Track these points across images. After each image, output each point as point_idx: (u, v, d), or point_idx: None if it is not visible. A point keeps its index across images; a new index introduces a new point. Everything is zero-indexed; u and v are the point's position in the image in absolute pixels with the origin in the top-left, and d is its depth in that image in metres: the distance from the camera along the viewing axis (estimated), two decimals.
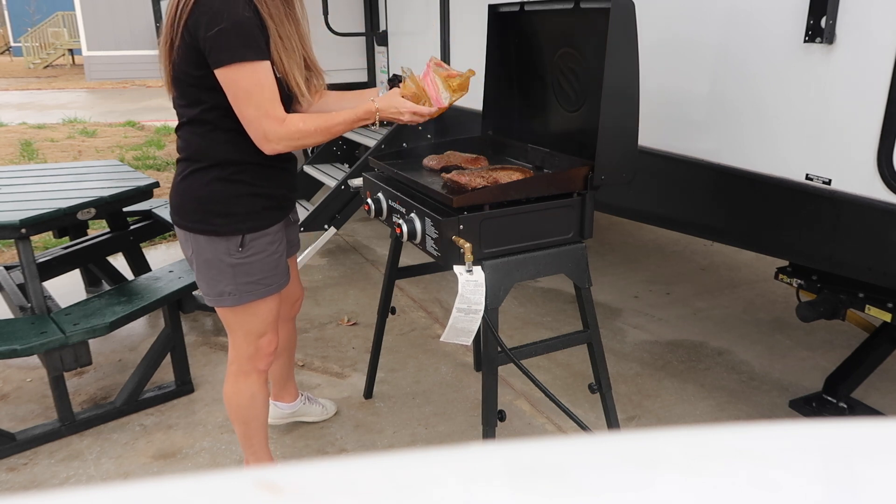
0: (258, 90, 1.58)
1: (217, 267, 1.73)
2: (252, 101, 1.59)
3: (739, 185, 2.10)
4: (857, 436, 0.37)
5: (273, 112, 1.60)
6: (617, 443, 0.36)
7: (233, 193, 1.70)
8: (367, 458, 0.34)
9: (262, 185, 1.74)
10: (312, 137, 1.68)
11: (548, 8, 2.10)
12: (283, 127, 1.62)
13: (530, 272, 1.89)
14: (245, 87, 1.58)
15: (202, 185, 1.69)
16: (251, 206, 1.72)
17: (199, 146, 1.70)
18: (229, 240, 1.71)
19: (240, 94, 1.59)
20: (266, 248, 1.76)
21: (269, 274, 1.79)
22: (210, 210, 1.69)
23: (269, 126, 1.61)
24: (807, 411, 2.58)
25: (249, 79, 1.57)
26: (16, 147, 7.86)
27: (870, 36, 1.69)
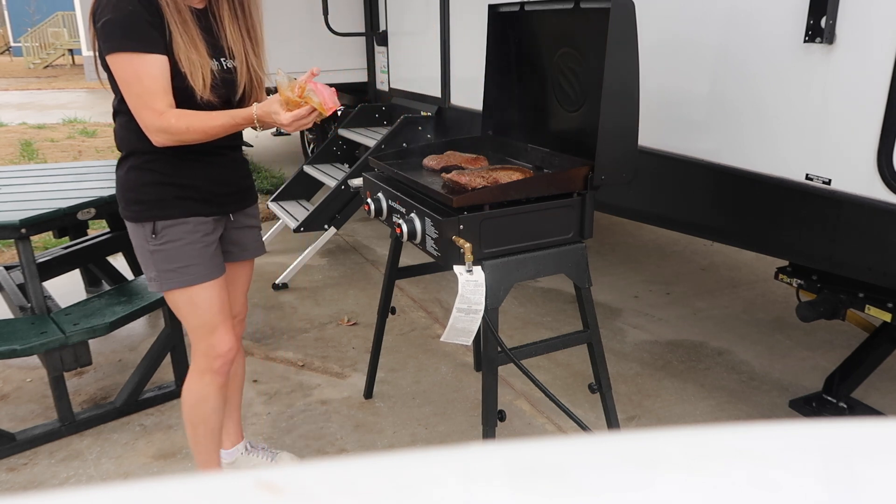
0: (136, 81, 1.60)
1: (141, 252, 1.79)
2: (131, 91, 1.62)
3: (739, 185, 2.10)
4: (857, 436, 0.37)
5: (150, 104, 1.61)
6: (617, 443, 0.36)
7: (144, 181, 1.74)
8: (367, 458, 0.34)
9: (174, 175, 1.75)
10: (187, 135, 1.65)
11: (548, 8, 2.10)
12: (160, 120, 1.62)
13: (530, 272, 1.89)
14: (124, 77, 1.61)
15: (122, 173, 1.77)
16: (161, 194, 1.74)
17: (119, 136, 1.77)
18: (144, 226, 1.75)
19: (121, 84, 1.64)
20: (183, 237, 1.77)
21: (191, 263, 1.78)
22: (128, 197, 1.76)
23: (146, 117, 1.63)
24: (807, 411, 2.58)
25: (127, 69, 1.60)
26: (16, 147, 7.86)
27: (870, 36, 1.69)
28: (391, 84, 4.40)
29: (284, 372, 2.92)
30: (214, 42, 1.75)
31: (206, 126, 1.66)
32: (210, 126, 1.66)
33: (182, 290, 1.80)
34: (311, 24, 4.41)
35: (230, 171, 1.88)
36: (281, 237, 4.54)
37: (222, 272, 1.87)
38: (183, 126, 1.63)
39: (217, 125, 1.67)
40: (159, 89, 1.62)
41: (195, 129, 1.64)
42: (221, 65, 1.76)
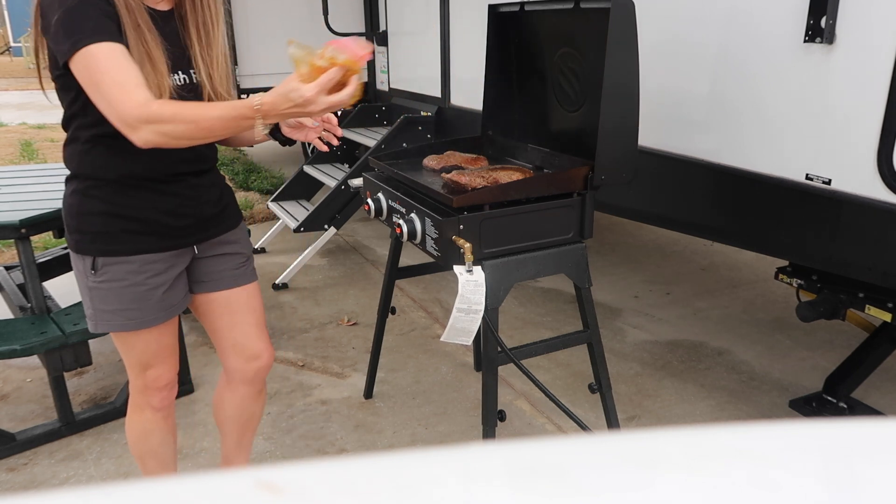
0: (106, 73, 1.32)
1: (80, 285, 1.57)
2: (103, 85, 1.32)
3: (740, 185, 2.10)
4: (857, 436, 0.37)
5: (129, 93, 1.31)
6: (617, 443, 0.36)
7: (86, 209, 1.50)
8: (367, 458, 0.34)
9: (121, 205, 1.50)
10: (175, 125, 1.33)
11: (548, 8, 2.10)
12: (142, 109, 1.31)
13: (530, 272, 1.89)
14: (91, 72, 1.33)
15: (66, 195, 1.55)
16: (105, 226, 1.50)
17: (65, 155, 1.55)
18: (84, 259, 1.52)
19: (89, 83, 1.34)
20: (125, 278, 1.52)
21: (130, 307, 1.54)
22: (69, 224, 1.54)
23: (126, 108, 1.31)
24: (807, 411, 2.58)
25: (92, 63, 1.32)
26: (16, 147, 7.86)
27: (870, 36, 1.69)
28: (391, 84, 4.40)
29: (284, 372, 2.92)
30: (179, 52, 1.49)
31: (198, 115, 1.34)
32: (203, 116, 1.35)
33: (116, 337, 1.61)
34: (311, 24, 4.42)
35: (191, 201, 1.59)
36: (281, 237, 4.54)
37: (170, 315, 1.63)
38: (168, 113, 1.32)
39: (213, 116, 1.35)
40: (136, 79, 1.34)
41: (184, 117, 1.33)
42: (187, 78, 1.51)
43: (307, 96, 1.29)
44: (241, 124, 1.37)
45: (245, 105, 1.34)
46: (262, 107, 1.33)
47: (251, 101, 1.33)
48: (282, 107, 1.33)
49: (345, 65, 1.29)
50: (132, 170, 1.50)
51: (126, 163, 1.49)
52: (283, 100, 1.32)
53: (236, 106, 1.35)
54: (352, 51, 1.30)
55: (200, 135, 1.37)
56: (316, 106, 1.32)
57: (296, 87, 1.30)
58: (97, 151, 1.48)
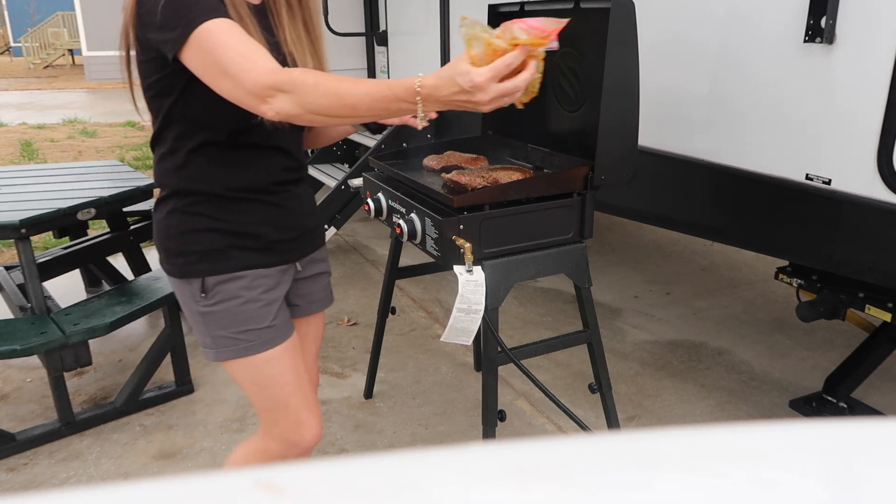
0: (225, 47, 1.18)
1: (189, 314, 1.44)
2: (224, 62, 1.18)
3: (739, 185, 2.10)
4: (857, 436, 0.37)
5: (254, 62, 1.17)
6: (617, 443, 0.36)
7: (189, 228, 1.38)
8: (367, 458, 0.34)
9: (227, 220, 1.39)
10: (316, 96, 1.15)
11: (548, 8, 2.10)
12: (275, 75, 1.16)
13: (530, 272, 1.89)
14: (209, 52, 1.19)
15: (161, 217, 1.41)
16: (210, 244, 1.38)
17: (159, 171, 1.42)
18: (191, 283, 1.39)
19: (209, 65, 1.20)
20: (239, 294, 1.40)
21: (249, 326, 1.41)
22: (169, 247, 1.41)
23: (254, 77, 1.16)
24: (807, 411, 2.58)
25: (210, 41, 1.18)
26: (16, 147, 7.86)
27: (870, 36, 1.69)
28: None
29: None
30: (275, 45, 1.36)
31: (344, 89, 1.15)
32: (349, 91, 1.15)
33: (244, 361, 1.43)
34: None
35: (294, 212, 1.49)
36: None
37: (291, 330, 1.49)
38: (310, 82, 1.15)
39: (361, 92, 1.15)
40: (261, 49, 1.20)
41: (327, 88, 1.15)
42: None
43: (477, 81, 1.08)
44: (392, 107, 1.16)
45: (403, 85, 1.13)
46: (422, 89, 1.12)
47: (410, 82, 1.13)
48: (444, 91, 1.12)
49: (530, 44, 1.07)
50: (238, 181, 1.39)
51: (231, 174, 1.38)
52: (448, 83, 1.10)
53: (392, 85, 1.14)
54: (539, 29, 1.08)
55: (342, 112, 1.18)
56: (485, 94, 1.10)
57: (465, 69, 1.09)
58: (199, 163, 1.37)
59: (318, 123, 1.24)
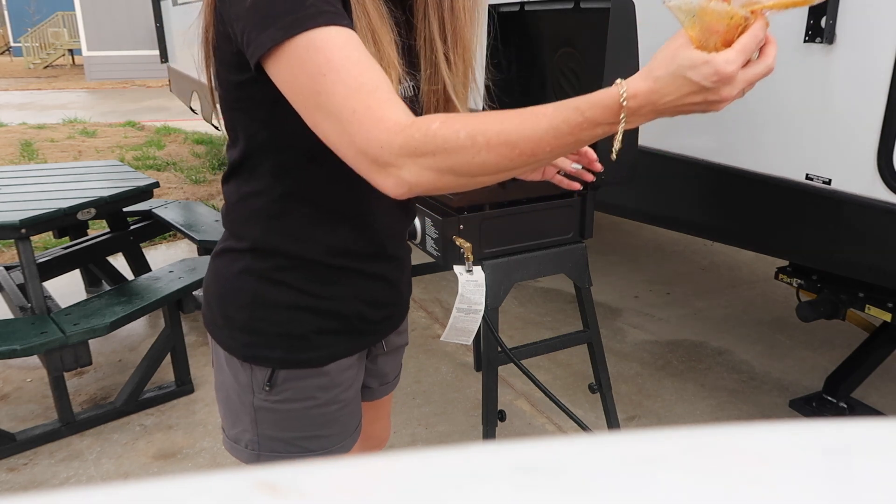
0: (336, 74, 0.78)
1: (236, 400, 1.07)
2: (331, 99, 0.79)
3: (739, 184, 2.10)
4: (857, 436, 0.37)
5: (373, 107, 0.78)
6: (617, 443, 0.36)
7: (267, 301, 1.01)
8: (368, 458, 0.34)
9: (320, 296, 1.03)
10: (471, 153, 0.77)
11: (548, 8, 2.10)
12: (407, 133, 0.77)
13: (530, 272, 1.89)
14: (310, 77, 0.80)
15: (225, 272, 1.04)
16: (292, 326, 1.02)
17: (232, 208, 1.02)
18: (253, 370, 1.03)
19: (308, 94, 0.81)
20: (313, 396, 1.05)
21: (314, 433, 1.08)
22: (232, 317, 1.03)
23: (376, 135, 0.78)
24: (807, 411, 2.58)
25: (313, 60, 0.79)
26: (16, 147, 7.86)
27: (870, 36, 1.69)
28: None
29: None
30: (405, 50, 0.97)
31: (514, 134, 0.78)
32: (522, 134, 0.78)
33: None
34: None
35: (393, 283, 1.13)
36: None
37: (360, 429, 1.18)
38: (462, 135, 0.77)
39: (540, 129, 0.78)
40: (380, 81, 0.80)
41: (490, 140, 0.77)
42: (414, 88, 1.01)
43: (727, 72, 0.71)
44: (585, 136, 0.78)
45: (599, 103, 0.76)
46: (631, 101, 0.75)
47: (611, 95, 0.75)
48: (670, 96, 0.74)
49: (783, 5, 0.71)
50: (343, 242, 1.02)
51: (336, 232, 1.01)
52: (674, 83, 0.73)
53: (581, 106, 0.77)
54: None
55: (512, 164, 0.79)
56: (732, 88, 0.74)
57: (697, 58, 0.71)
58: (301, 214, 0.98)
59: (469, 188, 0.83)
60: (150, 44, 9.01)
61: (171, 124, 9.08)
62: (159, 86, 14.08)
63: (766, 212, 2.04)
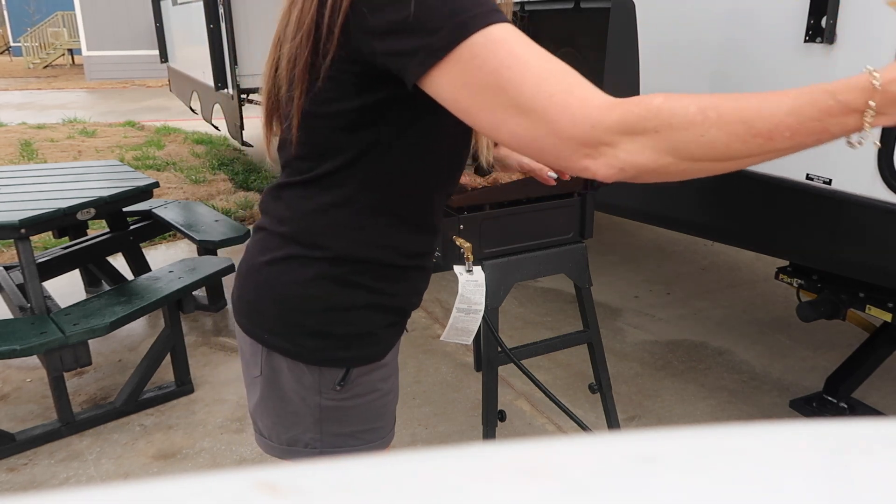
0: (518, 66, 0.77)
1: (296, 405, 1.08)
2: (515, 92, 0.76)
3: (739, 184, 2.10)
4: (857, 436, 0.37)
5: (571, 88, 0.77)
6: (617, 443, 0.36)
7: (344, 304, 1.03)
8: (368, 458, 0.34)
9: (391, 294, 1.07)
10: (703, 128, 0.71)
11: (548, 8, 2.10)
12: (621, 109, 0.75)
13: (530, 272, 1.89)
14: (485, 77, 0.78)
15: (294, 281, 1.03)
16: (368, 325, 1.06)
17: (308, 222, 1.01)
18: (324, 372, 1.05)
19: (484, 96, 0.78)
20: (377, 388, 1.11)
21: (374, 425, 1.13)
22: (303, 324, 1.04)
23: (582, 116, 0.75)
24: (807, 411, 2.58)
25: (491, 59, 0.77)
26: (16, 147, 7.86)
27: (870, 36, 1.69)
28: None
29: None
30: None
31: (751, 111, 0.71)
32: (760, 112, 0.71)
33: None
34: None
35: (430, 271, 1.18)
36: None
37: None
38: (693, 111, 0.72)
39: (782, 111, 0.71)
40: (567, 66, 0.81)
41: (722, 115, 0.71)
42: None
43: None
44: (834, 127, 0.74)
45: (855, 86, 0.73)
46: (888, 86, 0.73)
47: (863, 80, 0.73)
48: None
49: None
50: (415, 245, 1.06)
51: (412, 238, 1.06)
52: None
53: (836, 90, 0.72)
54: None
55: (746, 147, 0.72)
56: None
57: None
58: (382, 224, 1.01)
59: (687, 175, 0.76)
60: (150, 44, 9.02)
61: (170, 124, 9.08)
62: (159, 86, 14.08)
63: (766, 212, 2.04)
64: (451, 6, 0.78)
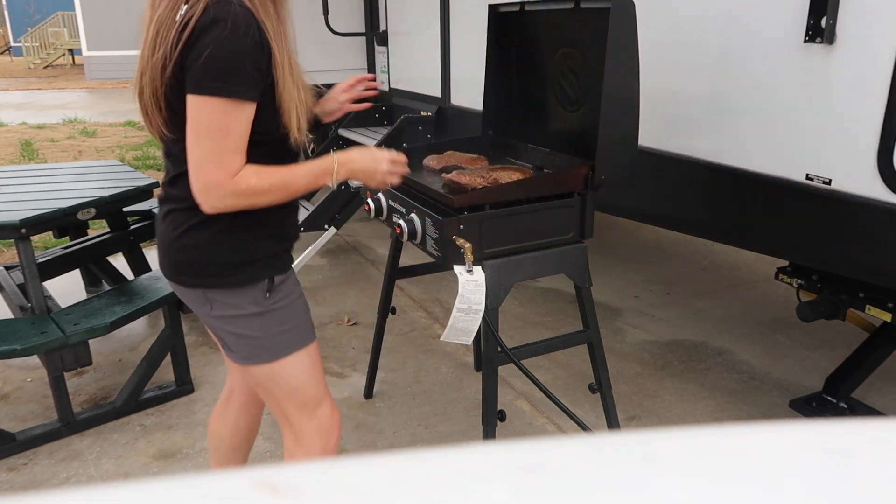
0: (221, 134, 1.29)
1: (240, 322, 1.47)
2: (208, 143, 1.29)
3: (740, 185, 2.10)
4: (857, 436, 0.37)
5: (227, 163, 1.30)
6: (617, 443, 0.36)
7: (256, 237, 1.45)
8: (367, 458, 0.34)
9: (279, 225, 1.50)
10: (264, 196, 1.36)
11: (548, 8, 2.10)
12: (231, 183, 1.31)
13: (530, 272, 1.89)
14: (207, 125, 1.29)
15: (219, 233, 1.42)
16: (273, 248, 1.49)
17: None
18: (255, 287, 1.45)
19: (198, 133, 1.30)
20: (293, 290, 1.53)
21: (302, 319, 1.54)
22: (232, 262, 1.43)
23: (215, 177, 1.30)
24: (807, 411, 2.58)
25: (215, 119, 1.29)
26: (16, 147, 7.86)
27: (870, 36, 1.69)
28: (391, 84, 4.40)
29: None
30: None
31: (290, 180, 1.39)
32: (293, 179, 1.39)
33: (300, 354, 1.52)
34: (311, 23, 4.42)
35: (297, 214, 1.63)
36: None
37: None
38: (265, 185, 1.35)
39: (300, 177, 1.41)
40: (242, 147, 1.32)
41: (278, 186, 1.37)
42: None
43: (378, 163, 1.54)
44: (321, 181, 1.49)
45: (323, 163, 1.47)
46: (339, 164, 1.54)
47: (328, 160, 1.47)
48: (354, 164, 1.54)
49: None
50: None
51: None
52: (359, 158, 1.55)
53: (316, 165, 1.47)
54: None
55: (283, 199, 1.41)
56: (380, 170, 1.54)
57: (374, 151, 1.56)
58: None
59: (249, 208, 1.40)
60: None
61: None
62: None
63: (766, 212, 2.04)
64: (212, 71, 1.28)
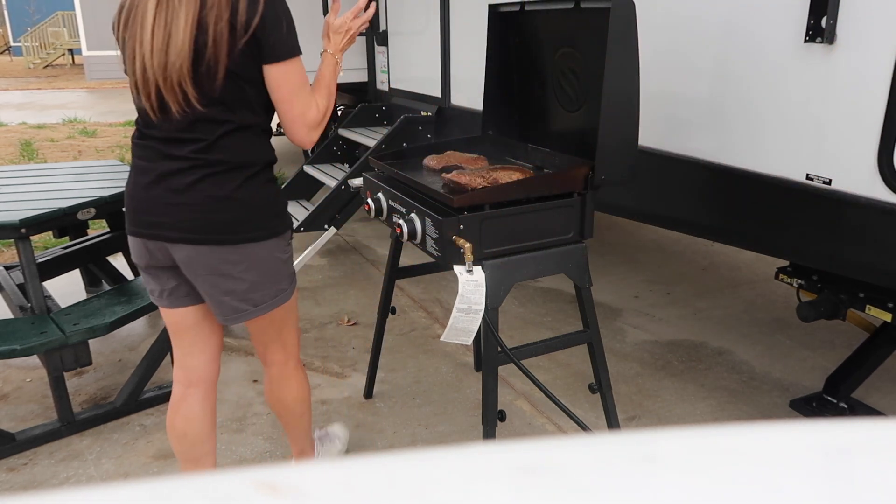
0: (306, 84, 1.61)
1: (271, 268, 1.70)
2: (301, 95, 1.60)
3: (740, 185, 2.10)
4: (857, 436, 0.37)
5: (314, 103, 1.63)
6: (617, 443, 0.36)
7: (276, 191, 1.71)
8: (367, 458, 0.34)
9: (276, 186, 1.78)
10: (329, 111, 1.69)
11: (548, 8, 2.10)
12: (322, 115, 1.64)
13: (530, 272, 1.89)
14: (296, 80, 1.59)
15: (257, 189, 1.64)
16: (283, 203, 1.75)
17: (249, 150, 1.64)
18: (282, 237, 1.70)
19: (292, 89, 1.59)
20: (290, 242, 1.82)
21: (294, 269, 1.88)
22: (269, 213, 1.67)
23: (315, 118, 1.63)
24: (807, 411, 2.58)
25: (300, 72, 1.59)
26: (16, 147, 7.86)
27: (870, 36, 1.69)
28: (391, 84, 4.39)
29: None
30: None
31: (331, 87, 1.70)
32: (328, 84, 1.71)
33: (294, 297, 1.81)
34: (311, 24, 4.41)
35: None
36: None
37: None
38: (327, 102, 1.67)
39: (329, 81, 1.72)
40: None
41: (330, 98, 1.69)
42: None
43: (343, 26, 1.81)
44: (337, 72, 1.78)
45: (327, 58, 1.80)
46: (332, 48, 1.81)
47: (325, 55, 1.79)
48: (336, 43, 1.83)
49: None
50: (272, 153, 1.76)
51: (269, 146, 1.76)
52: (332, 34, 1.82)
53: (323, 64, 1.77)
54: None
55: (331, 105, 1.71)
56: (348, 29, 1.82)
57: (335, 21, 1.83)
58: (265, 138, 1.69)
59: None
60: None
61: None
62: None
63: (766, 212, 2.04)
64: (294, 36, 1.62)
